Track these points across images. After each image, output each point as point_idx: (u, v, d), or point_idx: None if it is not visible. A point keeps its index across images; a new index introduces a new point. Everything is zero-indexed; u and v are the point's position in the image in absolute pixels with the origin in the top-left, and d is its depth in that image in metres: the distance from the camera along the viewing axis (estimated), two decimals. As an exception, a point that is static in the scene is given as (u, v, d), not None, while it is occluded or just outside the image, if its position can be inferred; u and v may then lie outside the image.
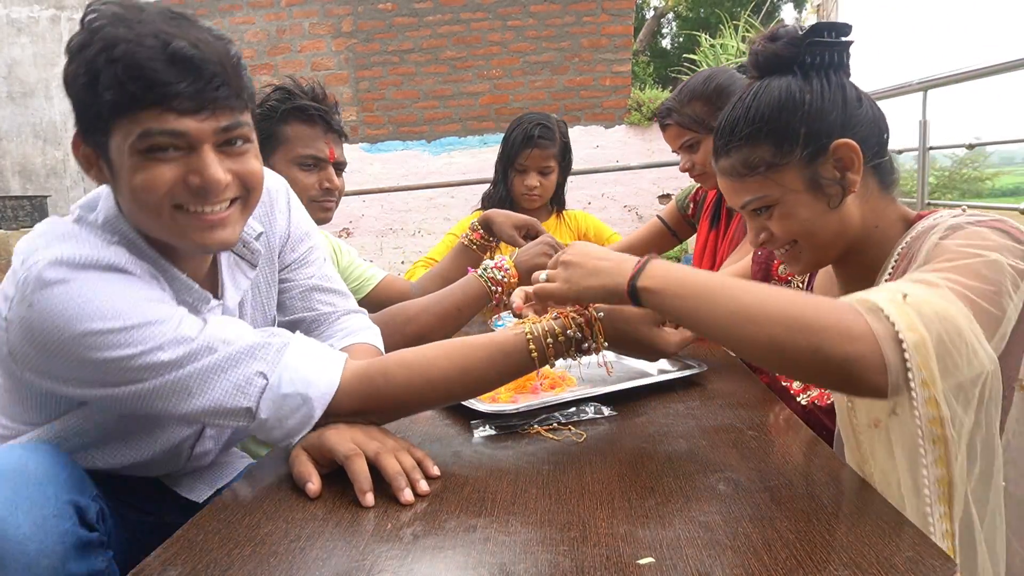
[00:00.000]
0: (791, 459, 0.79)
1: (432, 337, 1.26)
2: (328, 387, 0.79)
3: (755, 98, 0.90)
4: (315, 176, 1.43)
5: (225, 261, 0.94)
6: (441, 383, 0.83)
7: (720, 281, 0.76)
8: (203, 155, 0.76)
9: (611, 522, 0.65)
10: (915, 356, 0.67)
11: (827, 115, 0.87)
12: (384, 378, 0.82)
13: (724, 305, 0.74)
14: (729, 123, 0.93)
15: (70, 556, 0.72)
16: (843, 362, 0.67)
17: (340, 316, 1.10)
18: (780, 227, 0.91)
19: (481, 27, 5.56)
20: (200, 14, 5.65)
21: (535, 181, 2.04)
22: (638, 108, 5.55)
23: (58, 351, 0.74)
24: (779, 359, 0.71)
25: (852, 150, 0.86)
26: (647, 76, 9.57)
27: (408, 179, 5.54)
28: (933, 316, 0.68)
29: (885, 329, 0.67)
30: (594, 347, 0.86)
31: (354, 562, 0.60)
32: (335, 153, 1.45)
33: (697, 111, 1.52)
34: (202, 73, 0.73)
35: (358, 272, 1.72)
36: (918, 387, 0.68)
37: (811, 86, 0.88)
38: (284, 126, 1.40)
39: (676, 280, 0.77)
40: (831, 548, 0.58)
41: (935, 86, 2.64)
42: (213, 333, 0.78)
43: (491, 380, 0.85)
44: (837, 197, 0.88)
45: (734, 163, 0.92)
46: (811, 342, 0.67)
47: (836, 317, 0.68)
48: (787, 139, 0.87)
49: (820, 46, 0.88)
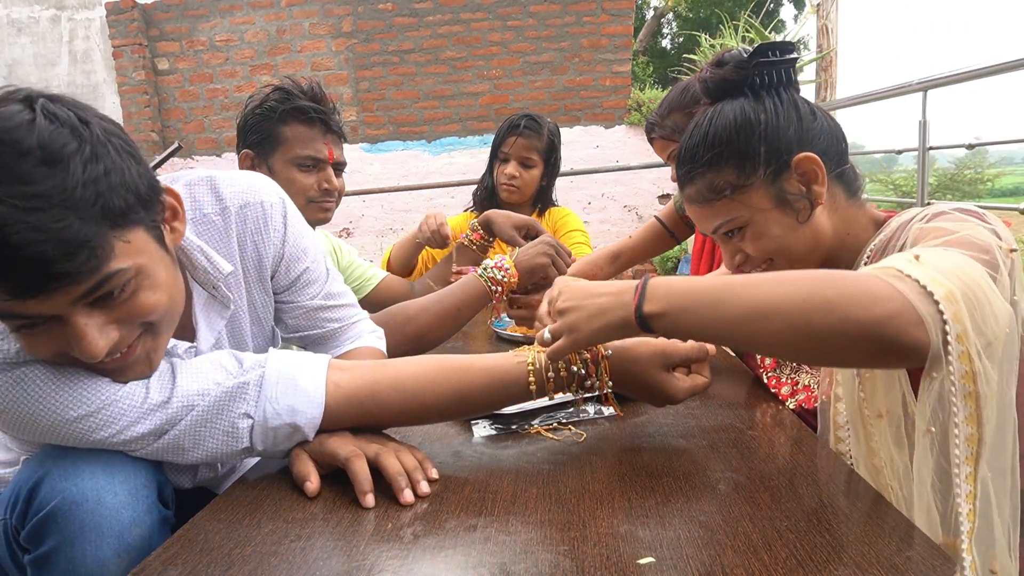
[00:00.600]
0: (791, 459, 0.79)
1: (432, 337, 1.27)
2: (315, 410, 0.78)
3: (711, 123, 0.91)
4: (314, 177, 1.43)
5: (199, 302, 0.89)
6: (435, 408, 0.82)
7: (724, 283, 0.72)
8: (73, 325, 0.65)
9: (611, 522, 0.65)
10: (948, 308, 0.63)
11: (784, 132, 0.89)
12: (375, 402, 0.80)
13: (734, 306, 0.70)
14: (689, 151, 0.93)
15: (155, 529, 0.73)
16: (875, 325, 0.62)
17: (347, 328, 1.09)
18: (754, 247, 0.92)
19: (481, 27, 5.56)
20: (200, 14, 5.68)
21: (514, 170, 2.03)
22: (638, 108, 5.55)
23: (39, 437, 0.73)
24: (807, 345, 0.67)
25: (813, 162, 0.88)
26: (647, 76, 9.56)
27: (408, 179, 5.55)
28: (952, 269, 0.66)
29: (910, 286, 0.64)
30: (598, 384, 0.83)
31: (354, 562, 0.60)
32: (334, 154, 1.44)
33: (677, 121, 1.56)
34: (31, 264, 0.58)
35: (358, 272, 1.72)
36: (953, 341, 0.64)
37: (764, 105, 0.90)
38: (283, 127, 1.40)
39: (680, 296, 0.73)
40: (831, 548, 0.58)
41: (935, 86, 2.65)
42: (187, 389, 0.75)
43: (487, 407, 0.84)
44: (806, 211, 0.89)
45: (699, 189, 0.93)
46: (836, 316, 0.63)
47: (853, 284, 0.65)
48: (748, 159, 0.89)
49: (766, 66, 0.89)
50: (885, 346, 0.63)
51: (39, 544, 0.70)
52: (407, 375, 0.82)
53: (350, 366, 0.83)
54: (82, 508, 0.69)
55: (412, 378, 0.82)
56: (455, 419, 0.92)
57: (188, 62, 5.63)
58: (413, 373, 0.82)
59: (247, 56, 5.62)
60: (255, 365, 0.79)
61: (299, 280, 1.02)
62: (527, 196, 2.10)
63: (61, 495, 0.69)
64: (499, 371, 0.82)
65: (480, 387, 0.82)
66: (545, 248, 1.37)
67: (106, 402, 0.71)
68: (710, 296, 0.71)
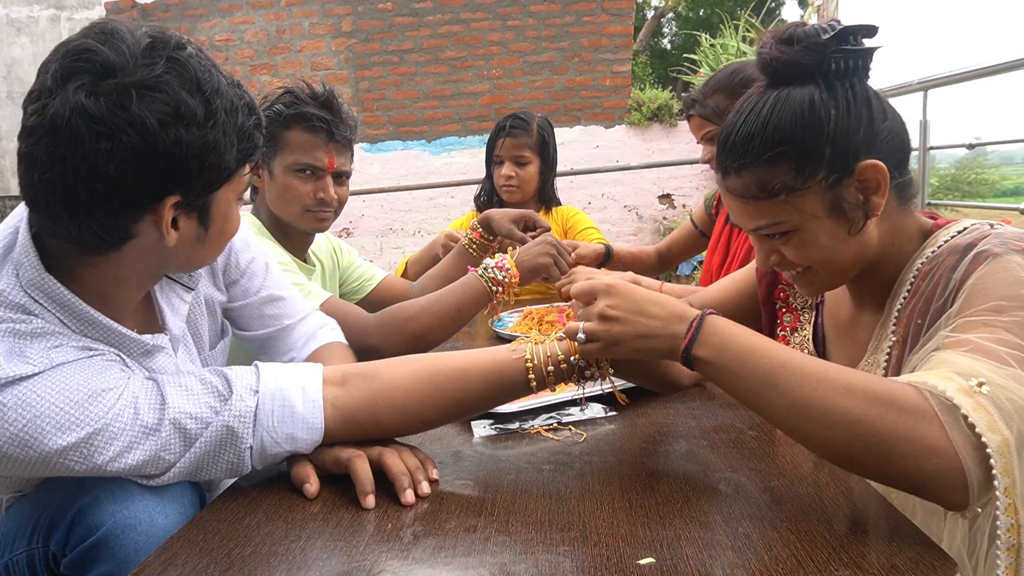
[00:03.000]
0: (791, 459, 0.79)
1: (431, 337, 1.27)
2: (315, 436, 0.76)
3: (773, 112, 0.80)
4: (311, 185, 1.38)
5: (157, 289, 0.88)
6: (434, 419, 0.81)
7: (783, 362, 0.68)
8: None
9: (611, 522, 0.65)
10: (999, 461, 0.59)
11: (853, 133, 0.79)
12: (373, 422, 0.79)
13: (785, 395, 0.66)
14: (742, 139, 0.82)
15: None
16: (918, 478, 0.61)
17: (296, 326, 1.09)
18: (797, 254, 0.84)
19: (481, 27, 5.56)
20: (200, 14, 5.68)
21: (510, 171, 2.06)
22: (638, 108, 5.55)
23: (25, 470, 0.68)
24: (847, 463, 0.66)
25: (879, 172, 0.79)
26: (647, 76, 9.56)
27: (408, 179, 5.55)
28: (1014, 412, 0.61)
29: (965, 438, 0.60)
30: (599, 374, 0.81)
31: (354, 562, 0.60)
32: (335, 162, 1.40)
33: (720, 103, 1.51)
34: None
35: (359, 272, 1.72)
36: (1001, 495, 0.60)
37: (836, 99, 0.79)
38: (287, 131, 1.37)
39: (734, 356, 0.70)
40: (832, 548, 0.58)
41: (935, 86, 2.65)
42: (178, 410, 0.72)
43: (486, 406, 0.84)
44: (859, 223, 0.81)
45: (747, 184, 0.83)
46: (881, 452, 0.62)
47: (908, 426, 0.61)
48: (810, 161, 0.79)
49: (848, 54, 0.78)
50: (922, 495, 0.63)
51: (86, 570, 0.69)
52: (403, 390, 0.79)
53: (342, 377, 0.80)
54: (136, 532, 0.69)
55: (408, 394, 0.79)
56: (456, 421, 0.92)
57: (188, 62, 5.62)
58: (408, 387, 0.79)
59: (247, 56, 5.62)
60: (247, 389, 0.75)
61: (247, 272, 1.04)
62: (529, 194, 2.11)
63: (112, 519, 0.69)
64: (496, 372, 0.80)
65: (478, 392, 0.80)
66: (547, 248, 1.36)
67: (98, 427, 0.68)
68: (765, 373, 0.68)
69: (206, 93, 0.71)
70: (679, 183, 5.59)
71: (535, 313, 1.58)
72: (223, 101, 0.73)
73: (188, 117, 0.69)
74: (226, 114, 0.73)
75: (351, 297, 1.72)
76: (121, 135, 0.66)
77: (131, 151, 0.67)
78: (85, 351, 0.74)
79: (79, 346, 0.74)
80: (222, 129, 0.72)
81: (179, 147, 0.69)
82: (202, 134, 0.70)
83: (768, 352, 0.69)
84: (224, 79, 0.75)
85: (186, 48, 0.72)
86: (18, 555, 0.75)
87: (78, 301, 0.75)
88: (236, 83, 0.77)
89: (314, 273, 1.55)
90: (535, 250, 1.36)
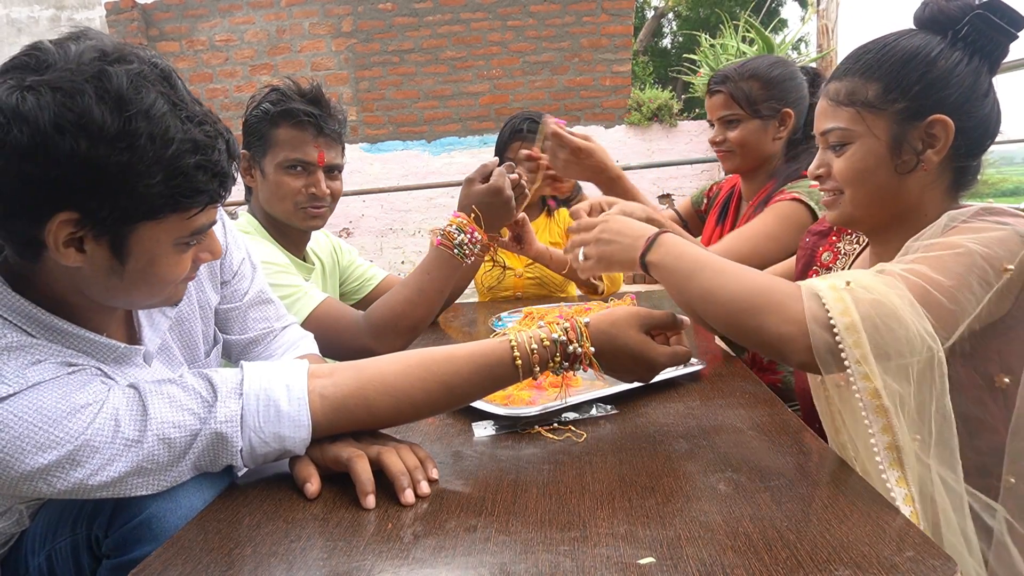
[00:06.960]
0: (792, 459, 0.79)
1: (424, 324, 1.30)
2: (303, 433, 0.76)
3: (897, 40, 0.89)
4: (302, 180, 1.38)
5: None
6: (425, 404, 0.81)
7: (707, 261, 0.86)
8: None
9: (611, 522, 0.65)
10: (847, 337, 0.75)
11: (946, 89, 0.86)
12: (364, 407, 0.78)
13: (699, 284, 0.85)
14: (859, 50, 0.92)
15: None
16: (777, 341, 0.79)
17: (278, 334, 1.10)
18: (842, 168, 0.91)
19: (481, 27, 5.56)
20: (200, 14, 5.69)
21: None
22: (638, 108, 5.56)
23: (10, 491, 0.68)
24: (735, 335, 0.84)
25: (947, 129, 0.85)
26: (647, 76, 9.57)
27: (408, 179, 5.55)
28: (869, 301, 0.76)
29: (818, 316, 0.76)
30: (580, 351, 0.83)
31: (354, 562, 0.60)
32: (325, 157, 1.39)
33: (752, 90, 1.48)
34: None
35: (359, 272, 1.72)
36: (852, 364, 0.76)
37: (950, 56, 0.86)
38: (275, 129, 1.36)
39: (673, 256, 0.89)
40: (832, 548, 0.58)
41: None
42: (162, 421, 0.71)
43: (476, 393, 0.83)
44: (907, 166, 0.88)
45: (839, 88, 0.91)
46: (756, 322, 0.80)
47: (778, 300, 0.79)
48: (898, 87, 0.87)
49: (982, 23, 0.85)
50: (781, 357, 0.81)
51: (128, 551, 0.70)
52: (392, 374, 0.80)
53: (330, 371, 0.79)
54: (176, 514, 0.71)
55: (398, 376, 0.79)
56: (447, 411, 0.91)
57: (188, 62, 5.63)
58: (398, 371, 0.80)
59: (247, 56, 5.63)
60: (231, 392, 0.74)
61: (238, 272, 1.04)
62: (536, 198, 2.11)
63: (155, 501, 0.71)
64: (483, 354, 0.81)
65: (467, 374, 0.81)
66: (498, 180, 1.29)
67: (78, 445, 0.67)
68: (688, 267, 0.87)
69: (127, 112, 0.66)
70: (679, 183, 5.60)
71: (535, 313, 1.58)
72: (151, 126, 0.67)
73: (93, 131, 0.64)
74: (150, 140, 0.67)
75: (351, 297, 1.72)
76: (12, 129, 0.63)
77: (19, 149, 0.63)
78: (64, 367, 0.72)
79: (59, 362, 0.72)
80: (139, 154, 0.67)
81: (74, 159, 0.64)
82: (110, 153, 0.65)
83: (696, 257, 0.87)
84: (178, 109, 0.69)
85: (132, 64, 0.68)
86: (61, 543, 0.77)
87: (31, 306, 0.74)
88: (199, 119, 0.71)
89: (313, 271, 1.55)
90: (480, 188, 1.29)
